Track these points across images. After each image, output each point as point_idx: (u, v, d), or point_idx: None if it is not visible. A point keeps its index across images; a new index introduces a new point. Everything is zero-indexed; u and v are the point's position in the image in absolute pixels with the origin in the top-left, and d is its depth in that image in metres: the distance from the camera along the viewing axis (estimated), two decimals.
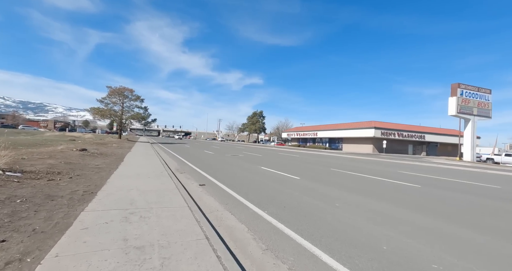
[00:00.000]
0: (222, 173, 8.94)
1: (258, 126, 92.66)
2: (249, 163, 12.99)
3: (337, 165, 14.94)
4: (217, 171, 9.38)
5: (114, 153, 12.87)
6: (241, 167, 11.23)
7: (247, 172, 9.51)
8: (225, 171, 9.54)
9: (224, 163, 12.45)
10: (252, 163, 13.07)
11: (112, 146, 18.30)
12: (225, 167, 10.79)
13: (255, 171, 10.05)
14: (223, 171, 9.66)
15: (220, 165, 11.69)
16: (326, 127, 57.00)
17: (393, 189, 7.52)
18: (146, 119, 34.26)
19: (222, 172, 9.34)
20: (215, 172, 9.22)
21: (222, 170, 9.90)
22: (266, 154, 21.75)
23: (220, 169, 10.20)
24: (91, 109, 30.68)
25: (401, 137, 44.53)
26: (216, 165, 11.61)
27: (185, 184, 6.61)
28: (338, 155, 28.83)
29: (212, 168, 10.39)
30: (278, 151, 30.05)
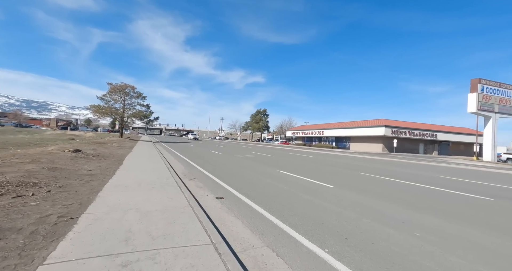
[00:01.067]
0: (238, 179, 7.52)
1: (261, 124, 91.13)
2: (263, 165, 11.55)
3: (361, 167, 13.45)
4: (232, 176, 7.97)
5: (113, 154, 11.50)
6: (257, 170, 9.80)
7: (267, 178, 8.08)
8: (240, 176, 8.12)
9: (236, 166, 11.03)
10: (267, 165, 11.64)
11: (112, 145, 16.96)
12: (239, 171, 9.36)
13: (275, 176, 8.61)
14: (238, 175, 8.24)
15: (232, 167, 10.27)
16: (333, 125, 55.36)
17: (467, 205, 6.00)
18: (148, 118, 32.93)
19: (237, 177, 7.92)
20: (229, 177, 7.81)
21: (236, 174, 8.49)
22: (277, 154, 20.30)
23: (234, 173, 8.78)
24: (91, 107, 29.40)
25: (412, 136, 42.82)
26: (227, 167, 10.20)
27: (199, 196, 5.19)
28: (351, 154, 27.30)
29: (224, 171, 8.98)
30: (287, 151, 28.57)
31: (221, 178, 7.66)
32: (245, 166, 11.22)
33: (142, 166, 8.70)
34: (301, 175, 9.01)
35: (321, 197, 5.77)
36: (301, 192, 6.20)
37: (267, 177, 8.21)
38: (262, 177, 8.18)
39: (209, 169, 9.45)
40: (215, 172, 8.72)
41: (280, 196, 5.65)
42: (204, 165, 10.78)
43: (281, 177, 8.35)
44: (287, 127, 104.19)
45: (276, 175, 8.75)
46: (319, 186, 7.01)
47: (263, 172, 9.35)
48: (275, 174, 8.99)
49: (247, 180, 7.58)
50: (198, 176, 7.85)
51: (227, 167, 10.58)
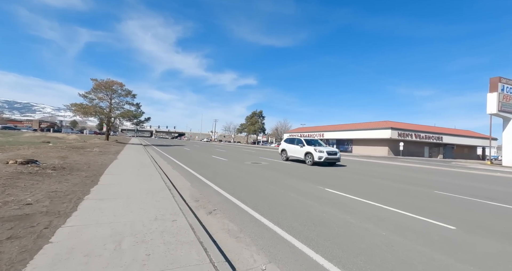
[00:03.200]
0: (279, 208, 4.69)
1: (257, 127, 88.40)
2: (295, 179, 8.75)
3: (403, 177, 10.87)
4: (269, 202, 5.13)
5: (90, 164, 8.42)
6: (294, 188, 6.98)
7: (321, 204, 5.29)
8: (278, 201, 5.29)
9: (259, 180, 8.17)
10: (301, 179, 8.85)
11: (93, 150, 13.73)
12: (271, 190, 6.52)
13: (326, 199, 5.84)
14: (278, 200, 5.41)
15: (257, 184, 7.41)
16: (334, 127, 53.33)
17: None
18: (138, 118, 29.52)
19: (278, 203, 5.09)
20: (267, 203, 4.97)
21: (273, 197, 5.65)
22: None
23: (268, 194, 5.93)
24: (72, 105, 25.77)
25: (418, 139, 41.18)
26: (251, 184, 7.33)
27: (241, 262, 2.34)
28: (362, 159, 24.92)
29: (250, 191, 6.13)
30: None
31: (255, 206, 4.81)
32: (273, 180, 8.38)
33: (129, 185, 5.71)
34: (356, 195, 6.28)
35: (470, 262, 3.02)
36: (399, 236, 3.45)
37: (319, 202, 5.41)
38: (311, 202, 5.37)
39: (227, 187, 6.56)
40: (240, 194, 5.84)
41: (384, 252, 2.86)
42: (215, 178, 7.87)
43: (340, 202, 5.57)
44: (283, 130, 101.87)
45: (328, 198, 5.97)
46: (433, 228, 4.27)
47: (305, 192, 6.54)
48: (325, 196, 6.20)
49: (294, 208, 4.76)
50: (218, 204, 4.96)
51: (249, 182, 7.71)
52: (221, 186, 6.70)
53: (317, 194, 6.28)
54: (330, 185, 7.73)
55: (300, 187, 7.12)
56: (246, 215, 4.32)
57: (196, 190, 6.12)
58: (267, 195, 5.89)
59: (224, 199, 5.36)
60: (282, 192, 6.38)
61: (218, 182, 7.28)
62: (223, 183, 7.24)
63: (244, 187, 6.73)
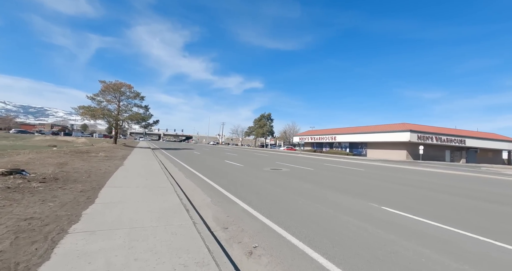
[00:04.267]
0: (343, 242, 3.25)
1: (266, 129, 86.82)
2: (335, 192, 7.26)
3: (466, 190, 9.19)
4: (320, 231, 3.69)
5: (90, 173, 7.19)
6: (342, 207, 5.51)
7: (388, 233, 3.82)
8: (335, 230, 3.83)
9: (290, 193, 6.72)
10: (341, 192, 7.35)
11: (98, 155, 12.62)
12: (314, 210, 5.06)
13: (395, 224, 4.35)
14: (328, 226, 3.96)
15: (289, 199, 5.96)
16: (347, 130, 51.30)
17: None
18: (146, 121, 28.60)
19: (332, 233, 3.65)
20: (319, 233, 3.53)
21: (322, 223, 4.19)
22: (313, 166, 15.99)
23: (312, 218, 4.49)
24: (80, 108, 25.07)
25: (439, 142, 38.75)
26: (281, 198, 5.89)
27: None
28: (384, 164, 23.05)
29: (287, 211, 4.70)
30: (317, 160, 24.25)
31: (309, 240, 3.37)
32: (310, 194, 6.91)
33: (135, 204, 4.38)
34: (424, 216, 4.74)
35: None
36: None
37: (384, 230, 3.93)
38: (381, 231, 3.90)
39: (258, 205, 5.14)
40: (279, 216, 4.41)
41: None
42: (238, 191, 6.47)
43: (406, 227, 4.07)
44: (291, 133, 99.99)
45: (406, 227, 4.47)
46: None
47: (360, 211, 5.05)
48: (395, 221, 4.71)
49: (370, 245, 3.30)
50: (256, 235, 3.54)
51: (282, 197, 6.27)
52: (250, 203, 5.29)
53: (377, 216, 4.77)
54: (382, 200, 6.19)
55: (349, 205, 5.63)
56: (306, 259, 2.88)
57: (220, 210, 4.73)
58: (315, 219, 4.42)
59: (261, 226, 3.94)
60: (330, 213, 4.90)
61: (243, 197, 5.87)
62: (250, 197, 5.83)
63: (279, 205, 5.29)
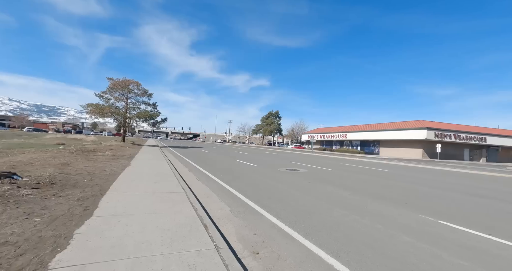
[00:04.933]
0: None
1: (273, 127, 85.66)
2: (374, 200, 6.30)
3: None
4: (372, 256, 2.78)
5: (94, 175, 6.49)
6: (393, 222, 4.55)
7: (475, 265, 2.86)
8: (391, 255, 2.91)
9: (321, 200, 5.80)
10: (381, 199, 6.39)
11: (105, 154, 12.01)
12: (358, 226, 4.13)
13: (465, 247, 3.39)
14: (380, 248, 3.03)
15: (323, 209, 5.04)
16: (358, 128, 49.71)
17: None
18: (154, 118, 28.12)
19: (391, 261, 2.73)
20: (371, 258, 2.62)
21: (377, 246, 3.28)
22: (331, 166, 14.99)
23: (363, 239, 3.57)
24: (88, 106, 24.76)
25: (458, 140, 36.80)
26: (312, 208, 4.98)
27: None
28: (405, 164, 21.75)
29: (327, 227, 3.79)
30: (329, 158, 23.19)
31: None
32: (343, 202, 5.97)
33: (141, 218, 3.56)
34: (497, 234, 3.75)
35: None
36: None
37: (468, 260, 2.98)
38: (457, 260, 2.95)
39: (287, 217, 4.26)
40: (320, 235, 3.51)
41: None
42: (259, 197, 5.60)
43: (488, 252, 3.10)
44: (299, 131, 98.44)
45: (505, 257, 3.50)
46: None
47: (417, 229, 4.10)
48: (467, 244, 3.74)
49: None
50: (298, 265, 2.67)
51: (315, 206, 5.35)
52: (277, 214, 4.41)
53: (444, 236, 3.79)
54: (434, 211, 5.18)
55: (396, 217, 4.66)
56: None
57: (243, 224, 3.88)
58: (366, 240, 3.48)
59: (301, 251, 3.04)
60: (381, 230, 3.95)
61: (267, 205, 5.00)
62: (275, 206, 4.94)
63: (313, 217, 4.38)
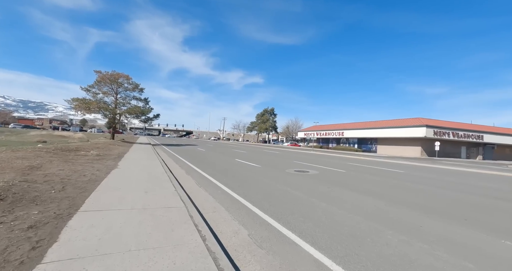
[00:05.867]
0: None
1: (269, 125, 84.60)
2: (415, 212, 5.16)
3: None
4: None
5: (67, 183, 5.14)
6: (463, 247, 3.46)
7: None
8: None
9: (351, 213, 4.64)
10: (421, 212, 5.25)
11: (89, 154, 10.54)
12: (429, 258, 3.02)
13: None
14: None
15: (364, 228, 3.88)
16: (355, 125, 49.17)
17: None
18: (146, 114, 26.45)
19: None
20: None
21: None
22: (339, 166, 13.94)
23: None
24: (73, 100, 22.89)
25: (456, 137, 36.63)
26: (346, 224, 3.83)
27: None
28: (409, 163, 21.01)
29: (381, 259, 2.68)
30: (332, 157, 22.21)
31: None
32: (384, 217, 4.82)
33: (127, 263, 2.33)
34: None
35: None
36: None
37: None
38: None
39: (327, 243, 3.10)
40: (347, 258, 2.38)
41: None
42: (279, 210, 4.41)
43: None
44: (294, 128, 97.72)
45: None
46: None
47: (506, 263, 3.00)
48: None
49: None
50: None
51: (347, 223, 4.19)
52: (316, 243, 3.21)
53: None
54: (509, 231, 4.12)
55: (478, 245, 3.55)
56: None
57: (274, 262, 2.67)
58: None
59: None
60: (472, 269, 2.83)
61: (296, 226, 3.80)
62: (307, 228, 3.73)
63: (365, 247, 3.22)
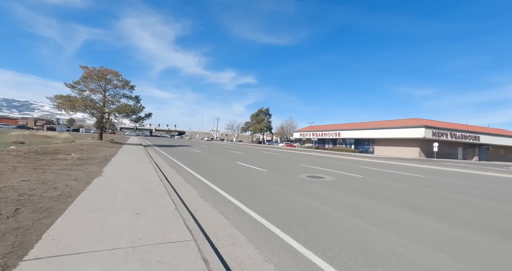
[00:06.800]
0: None
1: (263, 125, 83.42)
2: (498, 239, 4.09)
3: None
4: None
5: (25, 201, 3.77)
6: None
7: None
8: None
9: (416, 243, 3.50)
10: (500, 238, 4.18)
11: (68, 158, 9.02)
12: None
13: None
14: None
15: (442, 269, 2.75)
16: (352, 126, 48.71)
17: None
18: (137, 113, 24.76)
19: None
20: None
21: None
22: (351, 170, 12.87)
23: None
24: (57, 97, 21.02)
25: (454, 138, 36.54)
26: (429, 268, 2.68)
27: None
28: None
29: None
30: (337, 160, 21.21)
31: None
32: (465, 254, 3.69)
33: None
34: None
35: None
36: None
37: None
38: None
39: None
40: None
41: None
42: (317, 238, 3.20)
43: None
44: (289, 129, 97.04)
45: None
46: None
47: None
48: None
49: None
50: None
51: (431, 267, 3.02)
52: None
53: None
54: None
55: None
56: None
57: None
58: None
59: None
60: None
61: (354, 267, 2.60)
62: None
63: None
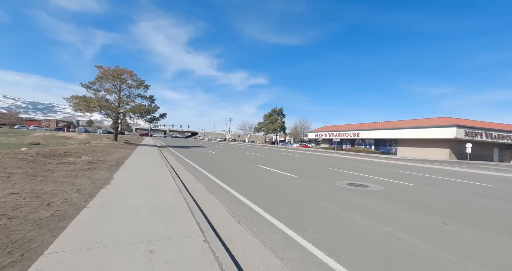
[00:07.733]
0: None
1: (277, 125, 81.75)
2: None
3: None
4: None
5: (4, 227, 2.69)
6: None
7: None
8: None
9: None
10: None
11: (77, 161, 8.14)
12: None
13: None
14: None
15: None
16: (372, 126, 46.13)
17: None
18: (152, 114, 24.18)
19: None
20: None
21: None
22: (395, 177, 11.21)
23: None
24: (72, 98, 20.77)
25: (490, 139, 33.33)
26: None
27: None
28: (468, 170, 18.07)
29: None
30: (368, 163, 19.46)
31: None
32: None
33: None
34: None
35: None
36: None
37: None
38: None
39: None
40: None
41: None
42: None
43: None
44: (303, 129, 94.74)
45: None
46: None
47: None
48: None
49: None
50: None
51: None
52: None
53: None
54: None
55: None
56: None
57: None
58: None
59: None
60: None
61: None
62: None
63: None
